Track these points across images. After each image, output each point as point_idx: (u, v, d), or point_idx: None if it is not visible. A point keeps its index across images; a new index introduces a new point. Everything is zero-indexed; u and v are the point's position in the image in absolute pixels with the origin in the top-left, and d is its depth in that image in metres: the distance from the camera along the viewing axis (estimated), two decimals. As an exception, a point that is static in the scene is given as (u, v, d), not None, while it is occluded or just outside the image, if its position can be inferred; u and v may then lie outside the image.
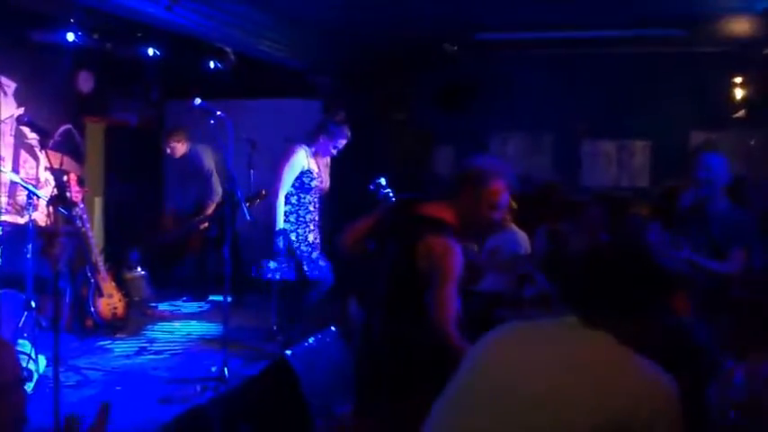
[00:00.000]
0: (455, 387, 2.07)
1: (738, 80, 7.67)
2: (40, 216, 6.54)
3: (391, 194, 4.74)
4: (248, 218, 5.90)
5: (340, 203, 7.26)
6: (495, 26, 7.15)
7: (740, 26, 6.69)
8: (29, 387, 4.54)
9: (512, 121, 8.56)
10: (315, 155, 6.13)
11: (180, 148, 7.52)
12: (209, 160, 7.52)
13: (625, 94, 8.08)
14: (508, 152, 8.67)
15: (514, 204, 6.67)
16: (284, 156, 6.04)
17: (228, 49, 7.29)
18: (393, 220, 3.34)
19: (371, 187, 4.95)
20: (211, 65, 7.54)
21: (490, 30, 7.28)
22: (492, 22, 6.98)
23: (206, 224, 7.41)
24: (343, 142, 6.15)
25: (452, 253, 3.03)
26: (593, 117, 8.29)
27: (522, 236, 6.59)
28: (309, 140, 6.12)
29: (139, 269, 7.34)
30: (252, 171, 7.00)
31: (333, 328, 5.74)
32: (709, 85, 7.66)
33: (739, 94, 7.68)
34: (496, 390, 1.93)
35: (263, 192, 6.14)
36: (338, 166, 8.19)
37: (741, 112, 7.71)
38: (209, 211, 7.44)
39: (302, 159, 6.01)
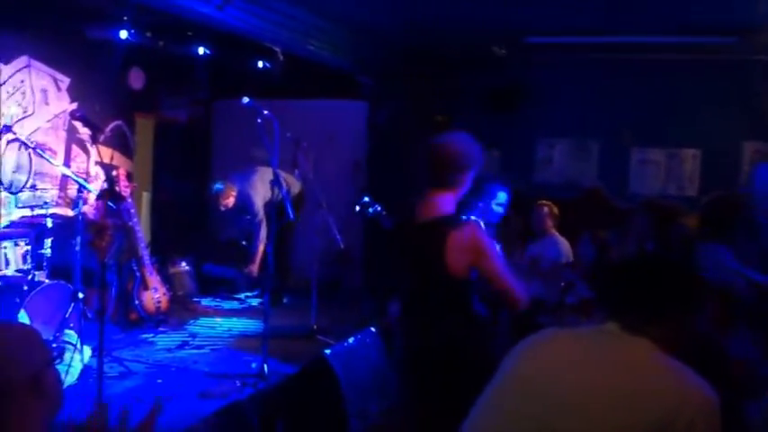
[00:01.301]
0: (493, 390, 2.08)
1: (793, 90, 7.49)
2: (90, 209, 6.69)
3: (380, 210, 4.70)
4: (291, 217, 5.96)
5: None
6: (544, 30, 7.09)
7: (795, 34, 6.54)
8: (73, 376, 4.64)
9: (558, 126, 8.47)
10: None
11: (232, 199, 7.30)
12: (258, 200, 7.24)
13: (675, 102, 7.94)
14: (554, 158, 8.59)
15: (556, 210, 6.62)
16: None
17: (277, 49, 7.36)
18: (402, 232, 3.41)
19: (357, 208, 4.88)
20: (260, 64, 7.62)
21: (539, 33, 7.22)
22: (541, 25, 6.93)
23: (255, 270, 7.33)
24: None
25: (481, 235, 3.15)
26: (642, 124, 8.17)
27: (564, 243, 6.53)
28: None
29: (184, 264, 7.43)
30: (296, 170, 7.07)
31: (372, 329, 5.76)
32: (762, 94, 7.49)
33: (794, 103, 7.50)
34: (534, 394, 1.95)
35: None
36: (379, 170, 8.24)
37: (795, 123, 7.53)
38: (259, 255, 7.28)
39: None
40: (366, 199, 4.79)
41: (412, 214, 3.33)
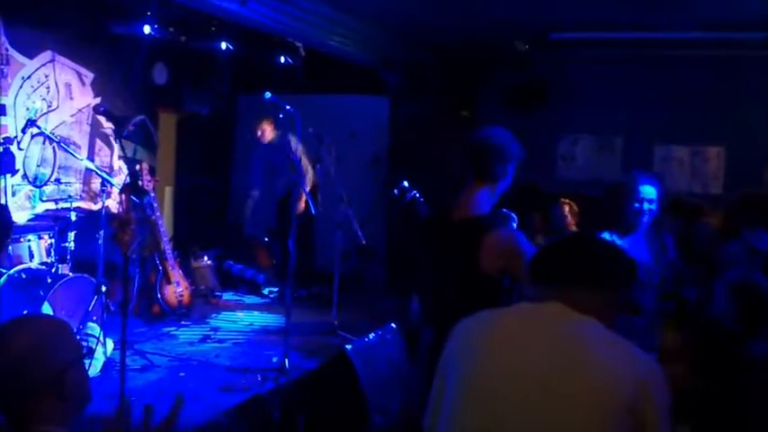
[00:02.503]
0: (459, 383, 2.05)
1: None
2: (113, 203, 6.74)
3: (418, 196, 4.61)
4: (314, 211, 5.97)
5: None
6: (568, 25, 7.04)
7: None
8: (96, 369, 4.67)
9: (582, 122, 8.41)
10: None
11: (269, 132, 7.34)
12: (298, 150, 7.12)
13: (700, 98, 7.84)
14: (577, 154, 8.53)
15: (577, 208, 6.57)
16: None
17: (299, 44, 7.35)
18: (436, 227, 3.38)
19: (396, 192, 4.76)
20: (282, 59, 7.63)
21: (563, 29, 7.16)
22: (565, 21, 6.87)
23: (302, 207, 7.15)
24: None
25: (517, 240, 3.12)
26: (665, 121, 8.09)
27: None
28: None
29: (206, 259, 7.46)
30: (318, 165, 7.07)
31: (393, 325, 5.75)
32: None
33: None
34: (509, 384, 1.93)
35: None
36: (401, 165, 8.22)
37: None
38: (303, 199, 7.24)
39: None
40: (405, 183, 4.69)
41: (446, 210, 3.31)
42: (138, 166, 6.12)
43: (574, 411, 1.83)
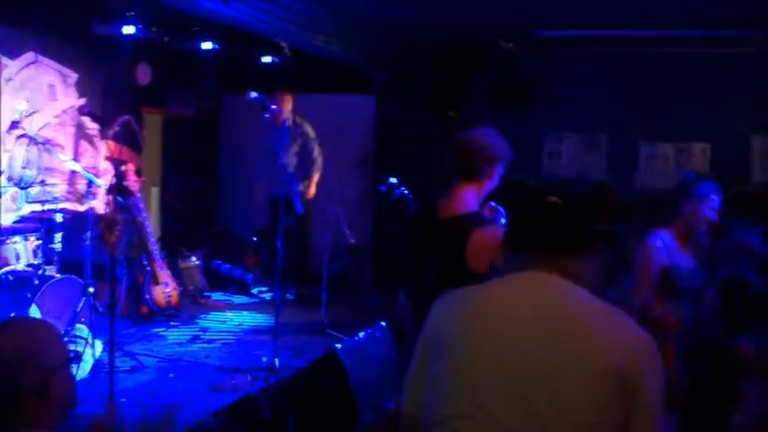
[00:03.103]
0: (450, 365, 1.96)
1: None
2: (99, 204, 6.70)
3: (407, 192, 4.59)
4: (301, 211, 5.96)
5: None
6: (554, 23, 7.06)
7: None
8: (85, 370, 4.65)
9: (567, 120, 8.43)
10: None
11: (287, 109, 7.12)
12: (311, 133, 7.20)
13: (685, 95, 7.89)
14: (562, 152, 8.56)
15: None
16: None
17: (284, 44, 7.34)
18: (423, 225, 3.38)
19: (383, 189, 4.73)
20: (267, 59, 7.61)
21: (549, 27, 7.19)
22: (552, 18, 6.90)
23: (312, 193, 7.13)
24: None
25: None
26: (651, 118, 8.13)
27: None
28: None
29: (194, 259, 7.44)
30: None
31: (382, 323, 5.75)
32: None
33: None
34: (504, 360, 1.87)
35: None
36: (388, 164, 8.23)
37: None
38: (315, 179, 7.17)
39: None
40: (393, 180, 4.66)
41: (433, 208, 3.30)
42: (123, 167, 6.09)
43: (566, 381, 1.79)
